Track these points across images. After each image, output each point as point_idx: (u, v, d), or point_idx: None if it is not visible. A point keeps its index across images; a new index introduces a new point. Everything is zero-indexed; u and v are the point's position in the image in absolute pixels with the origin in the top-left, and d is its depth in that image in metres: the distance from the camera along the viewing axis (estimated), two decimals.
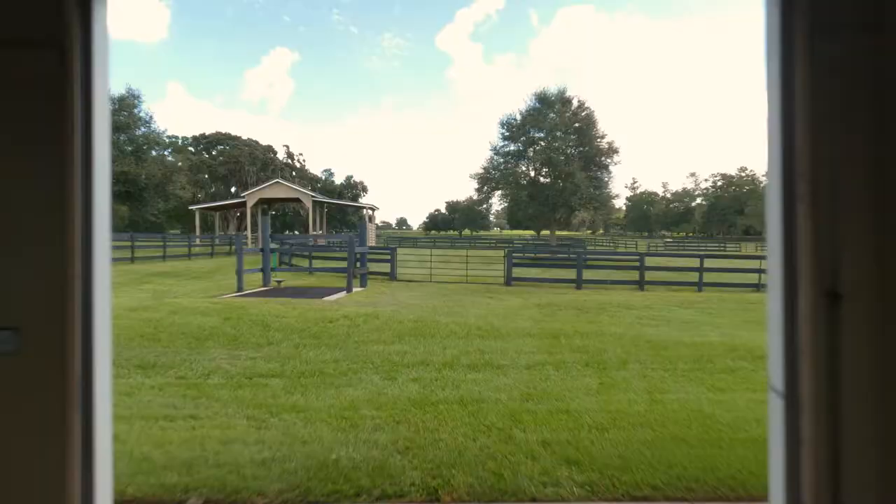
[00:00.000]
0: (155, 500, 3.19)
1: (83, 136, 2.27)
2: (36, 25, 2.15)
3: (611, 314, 11.11)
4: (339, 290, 14.63)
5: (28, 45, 2.16)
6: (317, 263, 20.31)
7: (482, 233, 55.51)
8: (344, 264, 18.28)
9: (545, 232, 40.39)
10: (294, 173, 55.39)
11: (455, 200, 63.91)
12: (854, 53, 2.27)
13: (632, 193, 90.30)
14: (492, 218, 62.32)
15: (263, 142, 56.77)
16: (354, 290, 14.85)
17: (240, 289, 14.78)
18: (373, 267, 18.49)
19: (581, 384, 6.03)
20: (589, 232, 61.96)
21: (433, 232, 61.15)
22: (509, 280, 17.04)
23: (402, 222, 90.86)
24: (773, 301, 2.41)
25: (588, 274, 17.48)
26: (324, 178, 58.52)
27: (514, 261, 18.20)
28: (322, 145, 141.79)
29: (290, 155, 58.16)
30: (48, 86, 2.19)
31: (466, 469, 3.68)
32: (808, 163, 2.27)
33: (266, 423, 4.65)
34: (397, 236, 51.36)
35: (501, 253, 19.60)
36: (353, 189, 58.53)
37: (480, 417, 4.80)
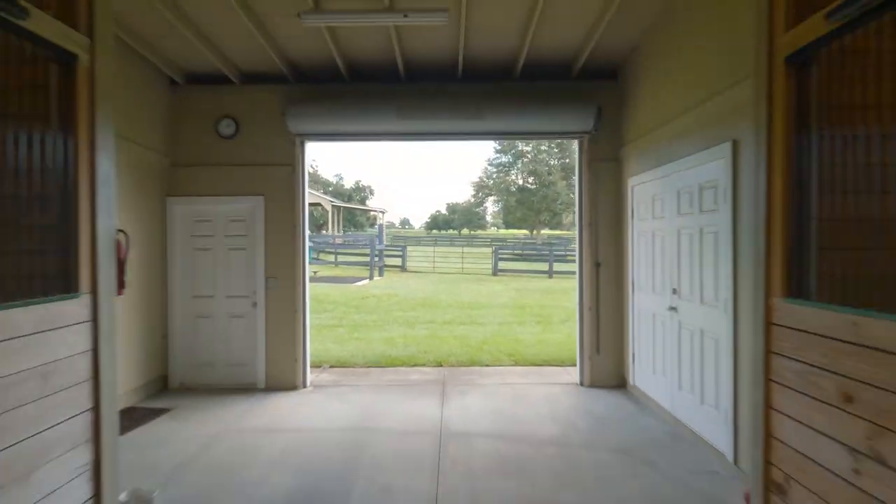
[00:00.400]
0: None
1: (301, 198, 5.72)
2: (288, 157, 5.55)
3: (567, 294, 14.43)
4: (362, 278, 17.96)
5: (285, 165, 5.57)
6: (339, 258, 23.66)
7: (479, 232, 58.58)
8: (364, 258, 21.60)
9: (536, 231, 44.08)
10: (308, 178, 58.64)
11: (454, 202, 66.79)
12: (607, 168, 5.71)
13: None
14: (488, 218, 65.21)
15: None
16: (375, 278, 18.20)
17: None
18: (387, 261, 21.76)
19: (530, 330, 9.37)
20: None
21: (434, 231, 64.15)
22: (496, 271, 20.41)
23: (405, 222, 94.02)
24: (578, 267, 5.85)
25: (559, 266, 20.82)
26: (335, 182, 62.02)
27: (500, 256, 21.62)
28: (331, 151, 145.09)
29: None
30: (288, 179, 5.60)
31: (456, 357, 7.03)
32: (587, 210, 5.72)
33: (344, 345, 7.99)
34: (402, 235, 54.50)
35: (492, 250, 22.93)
36: (361, 192, 61.97)
37: (465, 342, 8.14)
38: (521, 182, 41.06)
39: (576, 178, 5.79)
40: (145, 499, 3.05)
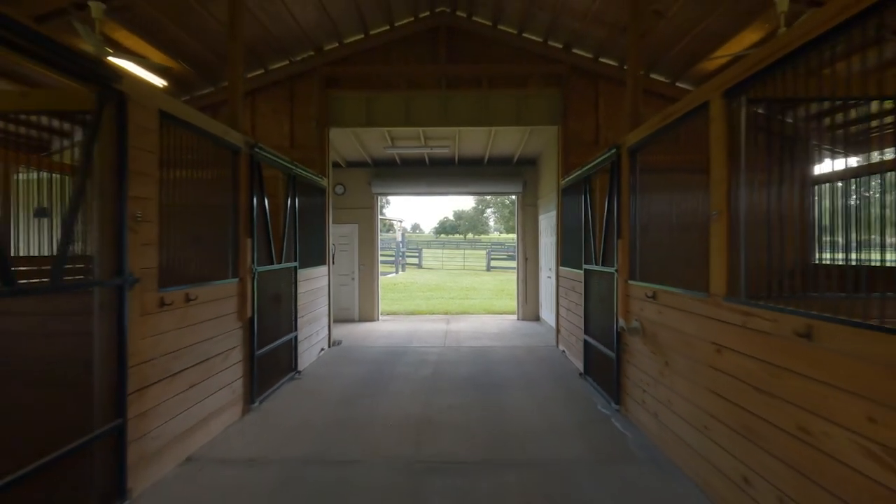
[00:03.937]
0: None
1: (375, 224, 10.81)
2: (369, 204, 10.59)
3: None
4: (388, 272, 22.81)
5: (368, 208, 10.64)
6: None
7: (482, 237, 63.26)
8: (384, 258, 26.48)
9: None
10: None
11: (461, 209, 71.37)
12: (530, 210, 10.72)
13: None
14: (491, 224, 69.77)
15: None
16: (399, 273, 23.06)
17: None
18: (406, 260, 26.60)
19: (503, 302, 14.18)
20: None
21: (442, 235, 68.83)
22: (489, 267, 25.22)
23: (415, 227, 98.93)
24: (517, 260, 10.88)
25: None
26: None
27: (492, 256, 26.50)
28: None
29: None
30: (370, 216, 10.72)
31: (456, 310, 11.89)
32: (521, 230, 10.75)
33: (391, 307, 12.87)
34: (413, 239, 59.26)
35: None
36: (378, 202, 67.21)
37: (461, 306, 12.98)
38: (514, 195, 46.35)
39: (516, 213, 10.64)
40: (339, 341, 7.96)
